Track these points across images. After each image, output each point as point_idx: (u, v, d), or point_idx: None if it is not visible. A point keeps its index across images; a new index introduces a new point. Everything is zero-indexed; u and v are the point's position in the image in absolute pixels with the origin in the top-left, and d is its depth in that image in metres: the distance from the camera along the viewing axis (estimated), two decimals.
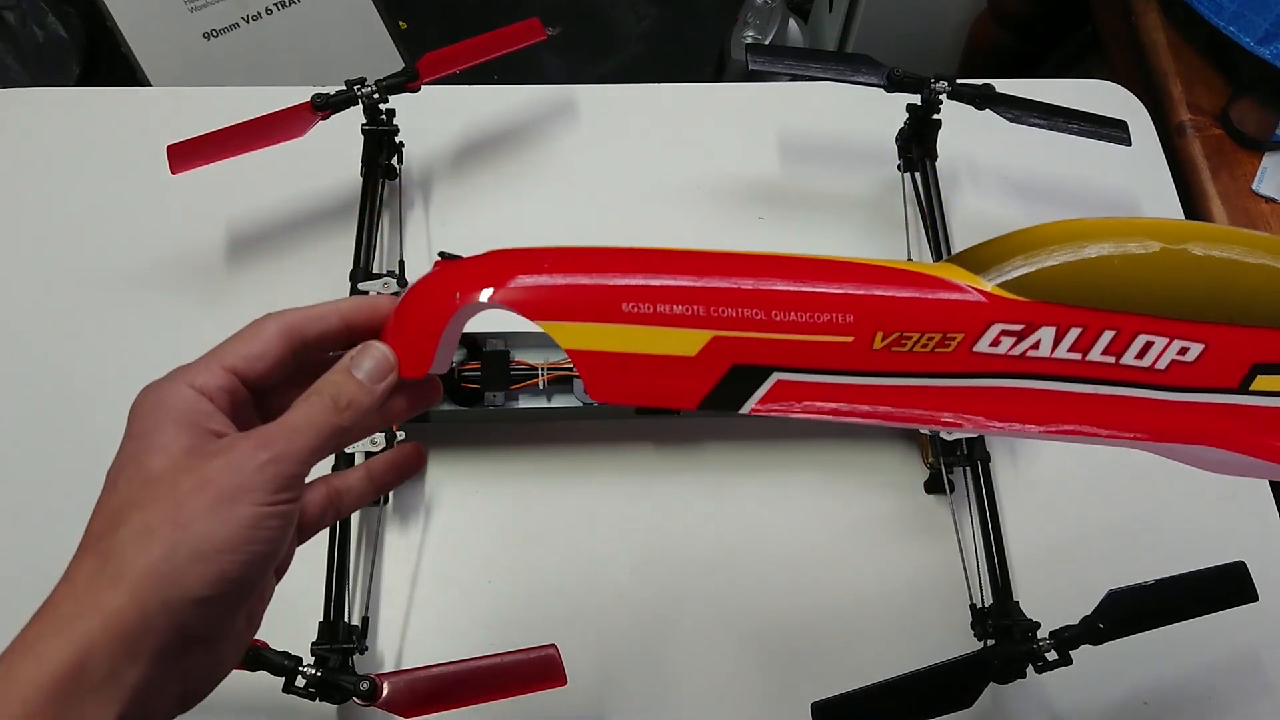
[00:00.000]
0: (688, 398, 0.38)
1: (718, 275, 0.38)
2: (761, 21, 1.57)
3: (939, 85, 0.69)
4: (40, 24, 1.36)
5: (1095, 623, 0.53)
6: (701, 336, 0.37)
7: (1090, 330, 0.37)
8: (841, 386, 0.38)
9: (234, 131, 0.68)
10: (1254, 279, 0.37)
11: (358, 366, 0.35)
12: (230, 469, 0.31)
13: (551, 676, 0.54)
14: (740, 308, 0.37)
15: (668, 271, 0.37)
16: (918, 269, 0.38)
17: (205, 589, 0.30)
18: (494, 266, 0.37)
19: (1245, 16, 0.87)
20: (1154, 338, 0.37)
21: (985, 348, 0.37)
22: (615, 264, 0.37)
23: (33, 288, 0.74)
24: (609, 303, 0.37)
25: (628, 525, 0.66)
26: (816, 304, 0.37)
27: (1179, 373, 0.38)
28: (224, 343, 0.36)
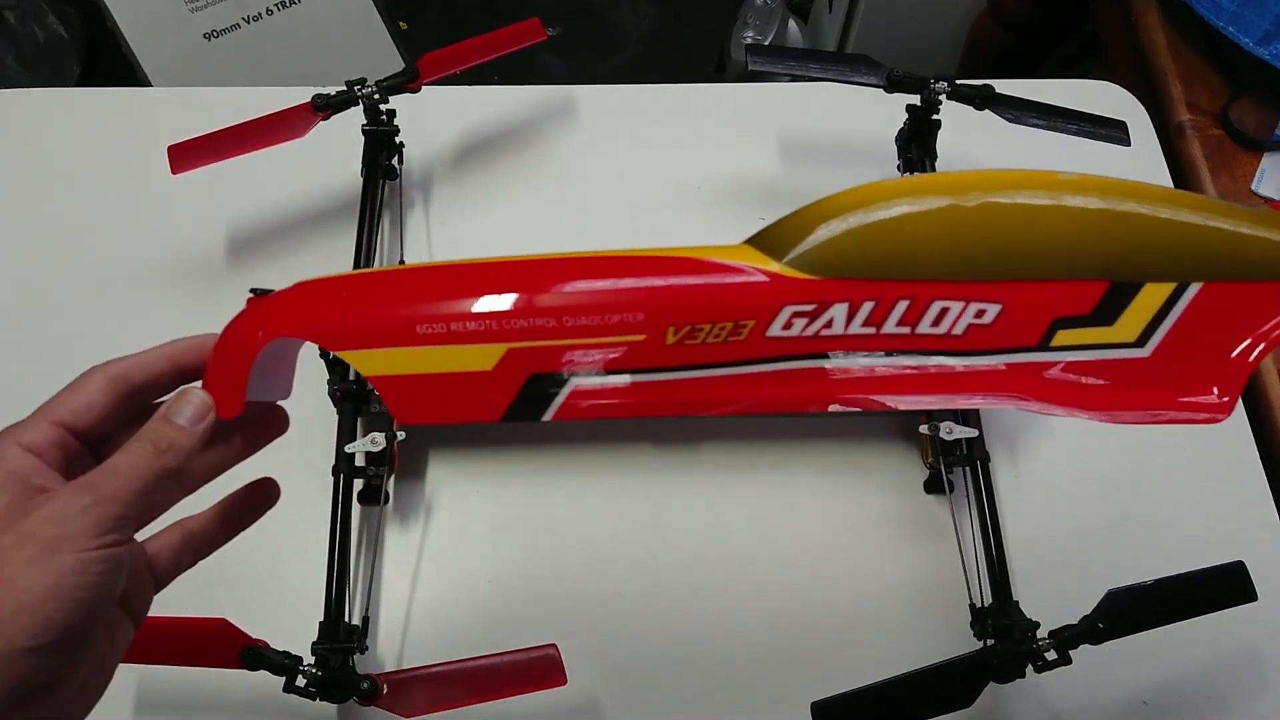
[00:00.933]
0: (490, 411, 0.38)
1: (509, 287, 0.38)
2: (761, 21, 1.57)
3: (939, 85, 0.69)
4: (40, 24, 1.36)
5: (1095, 623, 0.53)
6: (496, 350, 0.37)
7: (884, 303, 0.37)
8: (642, 385, 0.38)
9: (234, 132, 0.68)
10: (1047, 229, 0.36)
11: (176, 413, 0.36)
12: (50, 519, 0.32)
13: (551, 676, 0.54)
14: (531, 318, 0.37)
15: (460, 289, 0.38)
16: (710, 255, 0.38)
17: (32, 639, 0.31)
18: (294, 301, 0.38)
19: (1245, 17, 0.87)
20: (949, 303, 0.37)
21: (779, 332, 0.37)
22: (409, 286, 0.38)
23: (33, 288, 0.74)
24: (404, 327, 0.37)
25: (627, 525, 0.66)
26: (605, 306, 0.37)
27: (978, 336, 0.37)
28: (52, 398, 0.37)
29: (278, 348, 0.38)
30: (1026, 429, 0.70)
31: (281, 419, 0.41)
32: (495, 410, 0.38)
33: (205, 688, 0.60)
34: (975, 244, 0.36)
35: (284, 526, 0.65)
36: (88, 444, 0.36)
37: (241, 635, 0.53)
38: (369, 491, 0.64)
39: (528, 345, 0.37)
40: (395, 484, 0.67)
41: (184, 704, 0.60)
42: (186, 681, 0.60)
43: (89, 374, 0.37)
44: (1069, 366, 0.38)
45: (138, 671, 0.60)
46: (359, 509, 0.64)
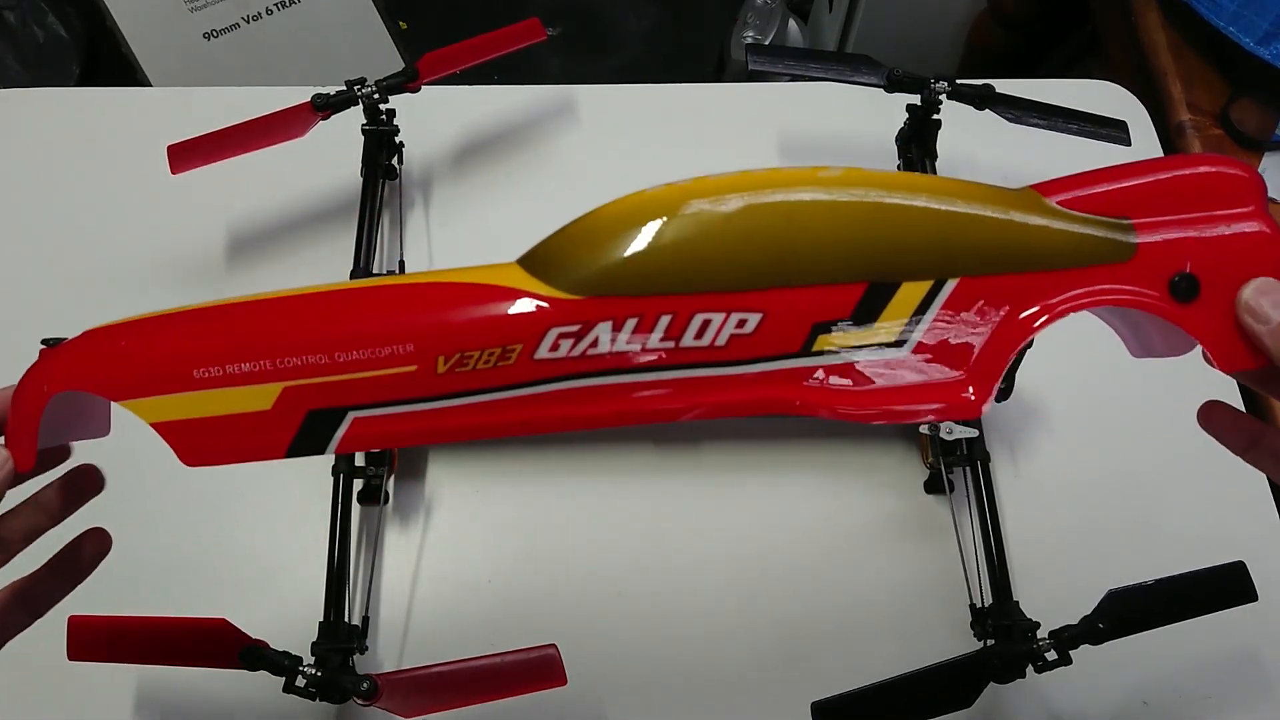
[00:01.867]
0: (275, 449, 0.38)
1: (282, 325, 0.38)
2: (761, 21, 1.57)
3: (939, 85, 0.69)
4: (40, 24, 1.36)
5: (1095, 623, 0.53)
6: (273, 390, 0.37)
7: (646, 319, 0.37)
8: (418, 414, 0.38)
9: (234, 131, 0.68)
10: (806, 233, 0.37)
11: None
12: None
13: (551, 676, 0.54)
14: (304, 355, 0.37)
15: (234, 330, 0.38)
16: (478, 278, 0.38)
17: None
18: (77, 353, 0.39)
19: (1245, 16, 0.87)
20: (711, 315, 0.37)
21: (546, 354, 0.37)
22: (187, 330, 0.38)
23: (33, 288, 0.74)
24: (180, 372, 0.37)
25: (627, 525, 0.66)
26: (375, 339, 0.37)
27: (741, 345, 0.38)
28: None
29: (61, 403, 0.38)
30: (1026, 429, 0.70)
31: (93, 482, 0.41)
32: (279, 448, 0.38)
33: (205, 688, 0.60)
34: (734, 253, 0.37)
35: (284, 527, 0.65)
36: None
37: (241, 635, 0.53)
38: (369, 491, 0.64)
39: (303, 383, 0.37)
40: (395, 484, 0.67)
41: (184, 704, 0.60)
42: (186, 681, 0.60)
43: None
44: (831, 370, 0.38)
45: (138, 671, 0.60)
46: (359, 509, 0.64)
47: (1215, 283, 0.38)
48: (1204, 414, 0.44)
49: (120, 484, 0.45)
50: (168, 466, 0.38)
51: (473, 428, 0.39)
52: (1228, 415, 0.43)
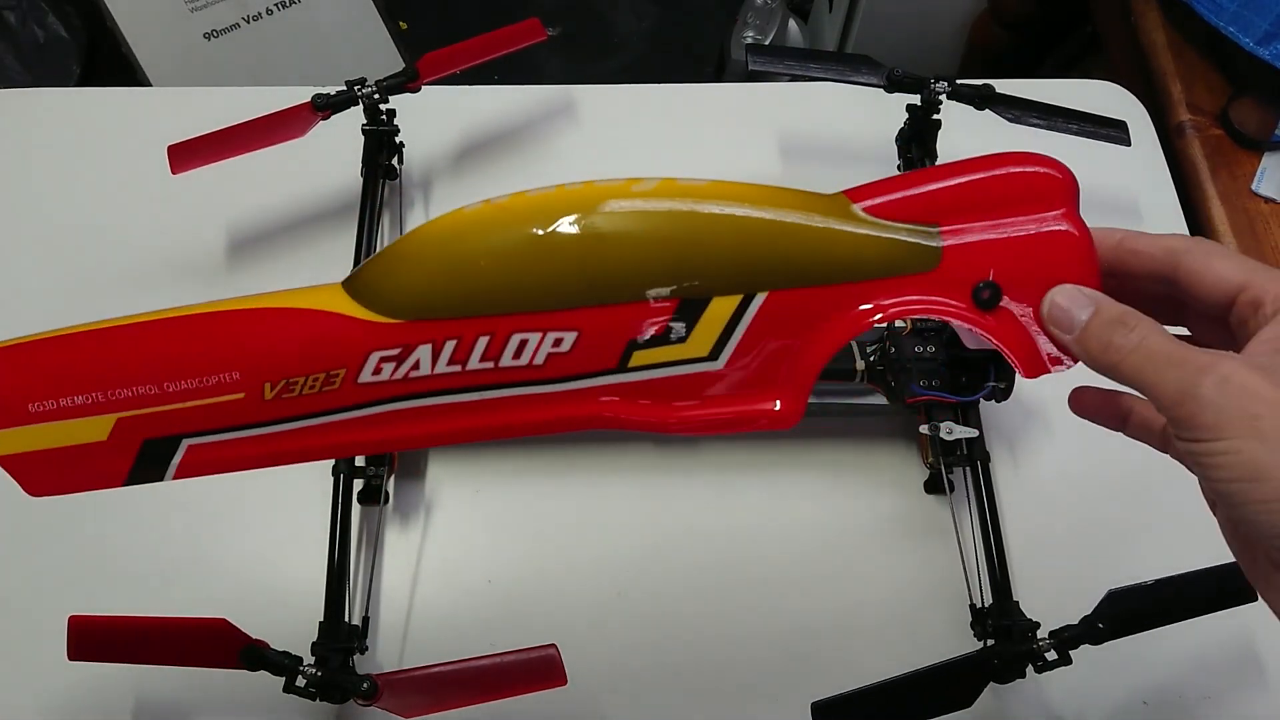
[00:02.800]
0: (113, 478, 0.39)
1: (114, 355, 0.38)
2: (761, 21, 1.57)
3: (939, 85, 0.69)
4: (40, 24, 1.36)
5: (1095, 623, 0.53)
6: (107, 421, 0.38)
7: (465, 341, 0.37)
8: (251, 439, 0.39)
9: (234, 131, 0.68)
10: (617, 250, 0.37)
11: None
12: None
13: (551, 676, 0.54)
14: (134, 386, 0.38)
15: (67, 361, 0.38)
16: (302, 303, 0.39)
17: None
18: None
19: (1245, 16, 0.87)
20: (528, 335, 0.38)
21: (370, 378, 0.38)
22: (18, 362, 0.39)
23: (33, 288, 0.74)
24: (15, 407, 0.38)
25: (628, 525, 0.66)
26: (201, 367, 0.38)
27: (558, 364, 0.38)
28: None
29: None
30: (1027, 429, 0.70)
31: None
32: (118, 477, 0.39)
33: (205, 688, 0.60)
34: (546, 273, 0.37)
35: (284, 526, 0.65)
36: None
37: (241, 635, 0.53)
38: (369, 491, 0.64)
39: (136, 413, 0.38)
40: (395, 484, 0.67)
41: (184, 704, 0.60)
42: (186, 681, 0.60)
43: None
44: (647, 385, 0.39)
45: (138, 671, 0.60)
46: (359, 509, 0.64)
47: (1018, 289, 0.38)
48: (1074, 400, 0.43)
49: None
50: None
51: (304, 450, 0.39)
52: (1095, 396, 0.43)
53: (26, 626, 0.61)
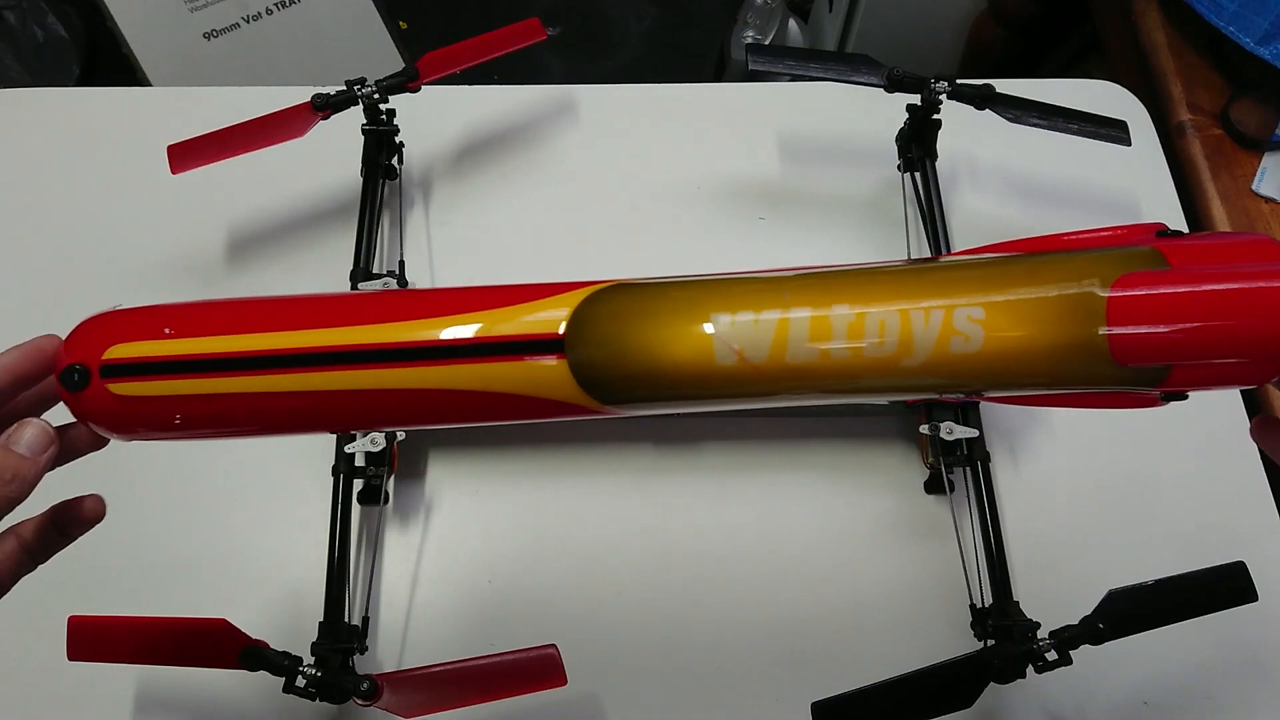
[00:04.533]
0: None
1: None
2: (761, 21, 1.57)
3: (939, 85, 0.69)
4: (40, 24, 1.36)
5: (1095, 623, 0.53)
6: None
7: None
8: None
9: (234, 131, 0.68)
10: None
11: (16, 441, 0.36)
12: None
13: (551, 676, 0.54)
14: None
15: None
16: (524, 383, 0.40)
17: None
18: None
19: (1245, 16, 0.87)
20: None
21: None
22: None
23: (33, 288, 0.74)
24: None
25: (628, 525, 0.66)
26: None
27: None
28: None
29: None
30: (1026, 429, 0.70)
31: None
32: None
33: (205, 688, 0.60)
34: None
35: (284, 527, 0.65)
36: None
37: (241, 635, 0.53)
38: (369, 491, 0.64)
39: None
40: (395, 484, 0.67)
41: (184, 704, 0.60)
42: (186, 681, 0.60)
43: None
44: None
45: (138, 671, 0.60)
46: (359, 509, 0.64)
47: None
48: (1257, 428, 0.43)
49: (120, 484, 0.45)
50: (167, 466, 0.38)
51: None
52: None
53: (26, 626, 0.61)
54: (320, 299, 0.41)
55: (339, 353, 0.39)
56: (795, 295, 0.39)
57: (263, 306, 0.41)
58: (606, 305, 0.40)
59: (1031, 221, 0.78)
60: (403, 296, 0.43)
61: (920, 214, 0.74)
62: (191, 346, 0.39)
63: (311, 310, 0.40)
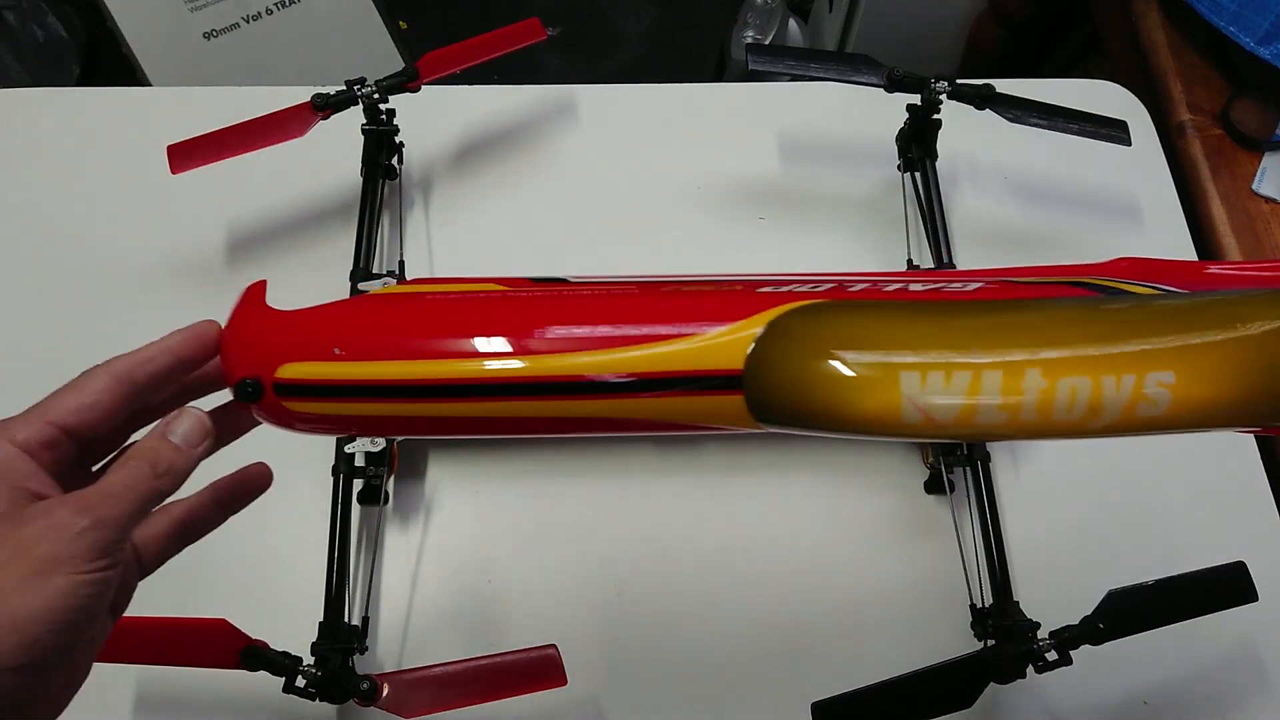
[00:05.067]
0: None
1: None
2: (761, 21, 1.57)
3: (939, 85, 0.69)
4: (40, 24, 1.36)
5: (1095, 623, 0.53)
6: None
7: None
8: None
9: (234, 131, 0.68)
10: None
11: (173, 431, 0.35)
12: (47, 536, 0.31)
13: (551, 676, 0.54)
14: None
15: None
16: (700, 414, 0.40)
17: (17, 659, 0.30)
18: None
19: (1245, 16, 0.87)
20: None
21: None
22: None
23: (33, 288, 0.74)
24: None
25: (627, 525, 0.66)
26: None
27: None
28: (51, 395, 0.35)
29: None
30: None
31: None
32: None
33: (205, 688, 0.60)
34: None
35: (284, 527, 0.65)
36: (81, 445, 0.35)
37: (241, 635, 0.53)
38: (369, 491, 0.64)
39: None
40: (395, 484, 0.67)
41: (184, 704, 0.60)
42: (186, 681, 0.60)
43: (93, 372, 0.36)
44: None
45: (138, 671, 0.60)
46: (359, 509, 0.64)
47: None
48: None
49: None
50: None
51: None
52: None
53: None
54: (484, 304, 0.40)
55: (512, 384, 0.38)
56: (983, 345, 0.37)
57: (425, 317, 0.40)
58: (789, 345, 0.38)
59: (1031, 222, 0.78)
60: (577, 304, 0.41)
61: (920, 214, 0.74)
62: (364, 371, 0.39)
63: (478, 321, 0.39)
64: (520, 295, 0.41)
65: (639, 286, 0.42)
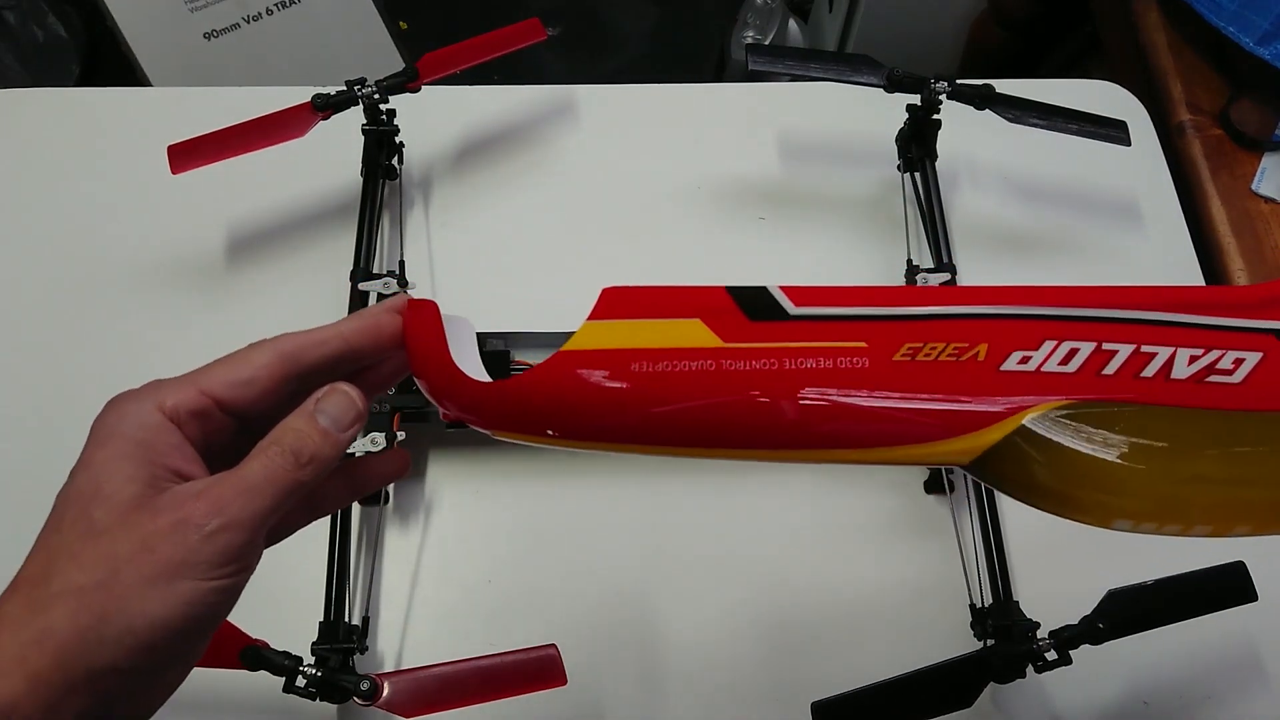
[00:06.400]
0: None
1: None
2: (761, 21, 1.57)
3: (939, 85, 0.69)
4: (40, 24, 1.36)
5: (1095, 623, 0.53)
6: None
7: None
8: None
9: (234, 131, 0.68)
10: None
11: (322, 411, 0.32)
12: (174, 537, 0.29)
13: (551, 676, 0.54)
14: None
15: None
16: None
17: (131, 661, 0.29)
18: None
19: (1245, 16, 0.87)
20: None
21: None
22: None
23: (33, 288, 0.74)
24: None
25: (628, 525, 0.66)
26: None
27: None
28: (211, 364, 0.33)
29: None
30: None
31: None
32: None
33: (205, 688, 0.60)
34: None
35: None
36: (239, 421, 0.33)
37: (241, 635, 0.53)
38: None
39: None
40: (395, 484, 0.67)
41: (184, 704, 0.60)
42: (187, 681, 0.60)
43: (256, 346, 0.33)
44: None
45: None
46: (359, 509, 0.64)
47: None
48: None
49: None
50: None
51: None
52: None
53: None
54: (701, 386, 0.35)
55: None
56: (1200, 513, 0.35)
57: (637, 406, 0.36)
58: (1021, 466, 0.37)
59: (1031, 222, 0.78)
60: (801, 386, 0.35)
61: (920, 214, 0.74)
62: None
63: (699, 418, 0.36)
64: (735, 374, 0.35)
65: (869, 354, 0.35)
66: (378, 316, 0.36)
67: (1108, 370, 0.35)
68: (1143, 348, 0.35)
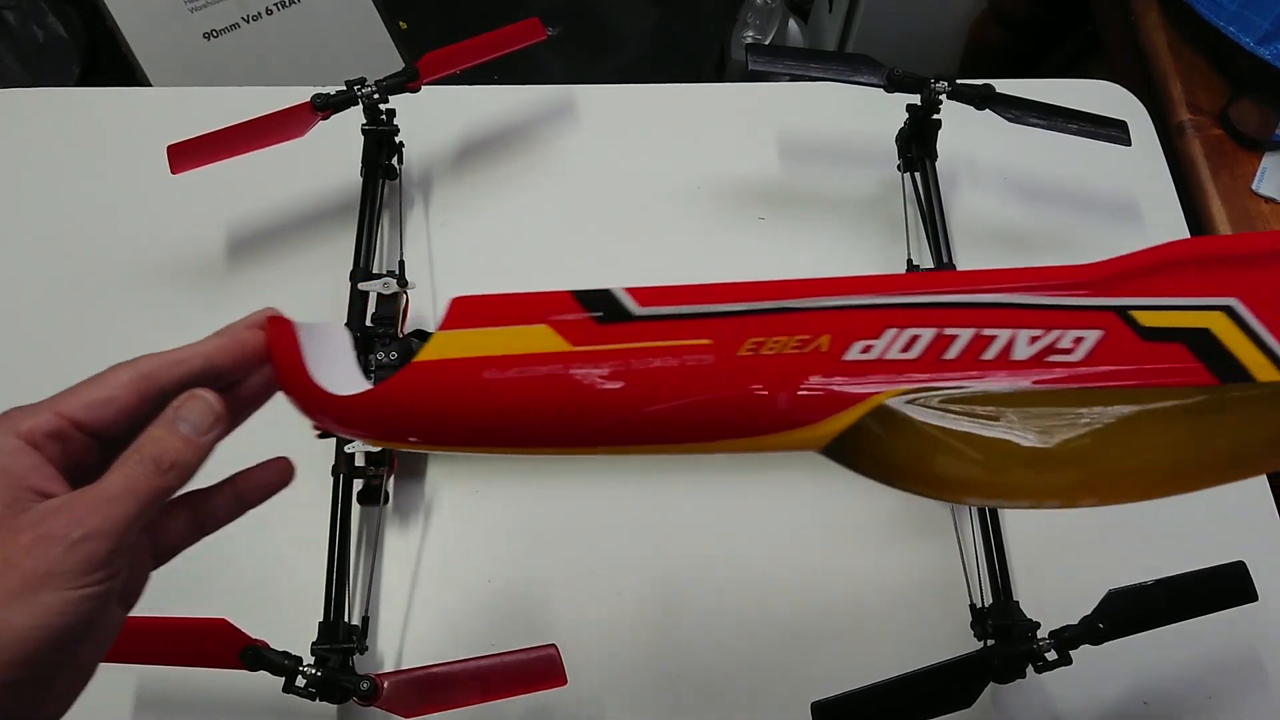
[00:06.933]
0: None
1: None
2: (761, 21, 1.57)
3: (939, 85, 0.69)
4: (40, 24, 1.36)
5: (1095, 623, 0.53)
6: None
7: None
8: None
9: (234, 131, 0.68)
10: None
11: (181, 419, 0.33)
12: (36, 551, 0.29)
13: (551, 676, 0.54)
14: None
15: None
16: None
17: (11, 675, 0.29)
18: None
19: (1245, 16, 0.87)
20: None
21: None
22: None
23: (33, 288, 0.74)
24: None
25: (627, 525, 0.66)
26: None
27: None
28: (70, 388, 0.34)
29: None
30: None
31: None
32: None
33: (205, 688, 0.60)
34: None
35: (284, 527, 0.65)
36: (102, 442, 0.34)
37: (241, 635, 0.53)
38: (369, 491, 0.64)
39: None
40: (395, 484, 0.67)
41: (184, 704, 0.60)
42: (186, 681, 0.60)
43: (117, 368, 0.34)
44: None
45: (138, 671, 0.60)
46: (359, 509, 0.64)
47: None
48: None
49: None
50: None
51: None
52: None
53: None
54: (552, 385, 0.35)
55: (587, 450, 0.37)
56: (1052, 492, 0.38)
57: (489, 405, 0.36)
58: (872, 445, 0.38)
59: (1031, 221, 0.78)
60: (646, 385, 0.36)
61: (920, 214, 0.74)
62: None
63: (544, 411, 0.36)
64: (584, 376, 0.35)
65: (714, 351, 0.36)
66: (239, 334, 0.36)
67: (949, 355, 0.36)
68: (983, 331, 0.36)
